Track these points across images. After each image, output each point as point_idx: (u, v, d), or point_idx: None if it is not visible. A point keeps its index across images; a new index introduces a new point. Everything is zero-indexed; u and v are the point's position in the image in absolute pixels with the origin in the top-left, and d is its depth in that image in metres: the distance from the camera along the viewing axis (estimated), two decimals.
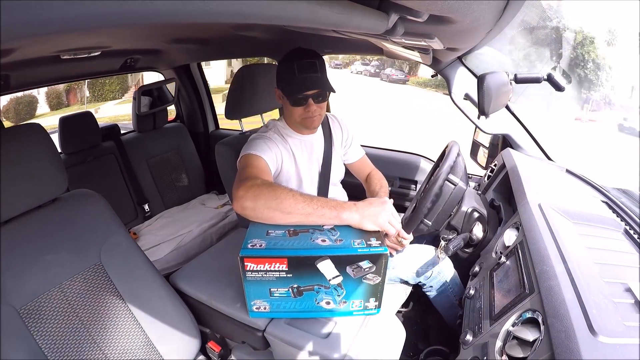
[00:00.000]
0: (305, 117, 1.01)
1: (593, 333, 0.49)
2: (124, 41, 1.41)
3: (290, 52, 1.00)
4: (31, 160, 0.77)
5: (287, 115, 1.08)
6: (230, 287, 0.94)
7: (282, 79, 1.01)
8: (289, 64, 0.98)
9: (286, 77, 0.99)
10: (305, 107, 0.99)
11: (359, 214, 0.81)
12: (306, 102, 0.99)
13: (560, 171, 1.17)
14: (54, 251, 0.81)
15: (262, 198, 0.79)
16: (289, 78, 0.98)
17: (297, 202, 0.79)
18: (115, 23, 0.26)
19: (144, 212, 2.05)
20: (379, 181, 1.22)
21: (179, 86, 2.24)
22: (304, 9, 0.40)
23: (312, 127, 1.05)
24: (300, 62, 0.97)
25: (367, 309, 0.84)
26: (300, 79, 0.96)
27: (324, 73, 1.00)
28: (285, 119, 1.11)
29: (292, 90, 0.97)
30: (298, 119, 1.02)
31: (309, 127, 1.05)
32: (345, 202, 0.83)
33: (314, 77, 0.97)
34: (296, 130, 1.10)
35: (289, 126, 1.10)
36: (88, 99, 12.27)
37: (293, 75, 0.97)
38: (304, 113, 1.00)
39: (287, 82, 0.99)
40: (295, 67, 0.96)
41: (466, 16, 0.58)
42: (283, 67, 1.00)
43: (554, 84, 1.15)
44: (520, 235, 0.82)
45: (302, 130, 1.10)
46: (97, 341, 0.81)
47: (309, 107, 0.99)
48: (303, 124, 1.03)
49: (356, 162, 1.27)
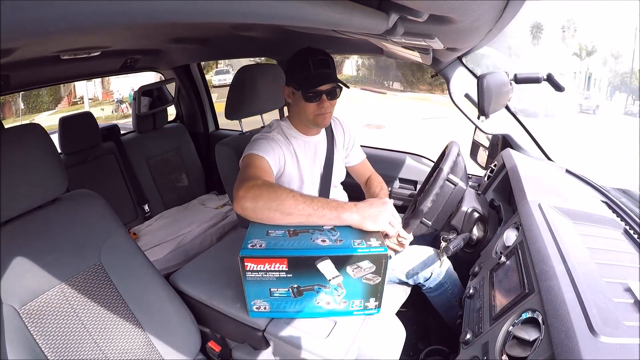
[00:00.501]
0: (318, 113, 1.02)
1: (593, 333, 0.49)
2: (124, 41, 1.41)
3: (301, 50, 1.02)
4: (31, 160, 0.77)
5: (296, 114, 1.08)
6: (230, 287, 0.94)
7: (296, 75, 1.01)
8: (303, 60, 0.99)
9: (301, 73, 1.00)
10: (319, 103, 1.00)
11: (360, 215, 0.81)
12: (320, 98, 1.00)
13: (560, 171, 1.17)
14: (54, 251, 0.81)
15: (263, 199, 0.79)
16: (304, 74, 0.99)
17: (298, 202, 0.79)
18: (115, 23, 0.26)
19: (144, 212, 2.05)
20: (379, 184, 1.22)
21: (179, 86, 2.24)
22: (304, 8, 0.40)
23: (323, 124, 1.06)
24: (314, 59, 0.98)
25: (367, 309, 0.84)
26: (316, 75, 0.98)
27: (334, 70, 1.02)
28: (293, 118, 1.10)
29: (307, 85, 0.98)
30: (311, 115, 1.03)
31: (320, 125, 1.06)
32: (346, 203, 0.83)
33: (328, 73, 0.99)
34: (301, 131, 1.10)
35: (294, 127, 1.10)
36: (22, 111, 12.24)
37: (308, 71, 0.98)
38: (317, 109, 1.01)
39: (302, 78, 0.99)
40: (311, 62, 0.98)
41: (466, 16, 0.58)
42: (296, 63, 1.01)
43: (553, 83, 1.15)
44: (520, 235, 0.82)
45: (309, 130, 1.10)
46: (97, 341, 0.81)
47: (322, 104, 1.00)
48: (315, 121, 1.04)
49: (357, 165, 1.27)
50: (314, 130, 1.12)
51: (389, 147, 1.92)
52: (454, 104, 1.33)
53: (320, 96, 0.99)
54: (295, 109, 1.07)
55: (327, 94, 1.00)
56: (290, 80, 1.03)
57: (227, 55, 2.39)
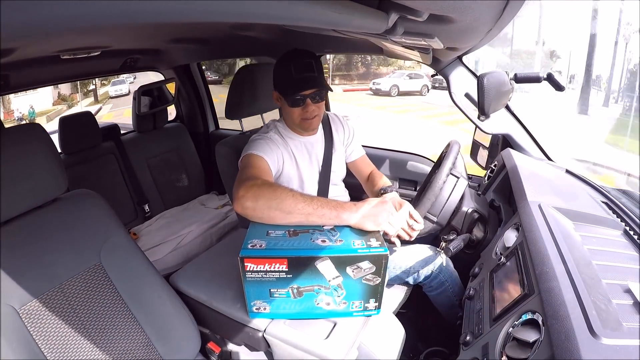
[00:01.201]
0: (303, 117, 1.01)
1: (593, 334, 0.49)
2: (124, 41, 1.41)
3: (286, 54, 1.01)
4: (31, 160, 0.77)
5: (286, 117, 1.08)
6: (230, 288, 0.94)
7: (279, 81, 1.02)
8: (285, 65, 0.98)
9: (283, 78, 0.99)
10: (303, 107, 1.00)
11: (359, 214, 0.81)
12: (304, 102, 0.99)
13: (560, 171, 1.16)
14: (53, 251, 0.81)
15: (263, 198, 0.79)
16: (286, 79, 0.98)
17: (297, 202, 0.79)
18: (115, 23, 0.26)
19: (144, 212, 2.05)
20: (380, 179, 1.22)
21: (179, 86, 2.24)
22: (304, 8, 0.40)
23: (310, 129, 1.06)
24: (296, 63, 0.97)
25: (367, 309, 0.84)
26: (298, 80, 0.97)
27: (320, 73, 1.01)
28: (285, 121, 1.11)
29: (289, 91, 0.98)
30: (297, 120, 1.03)
31: (307, 130, 1.06)
32: (346, 202, 0.83)
33: (311, 77, 0.98)
34: (296, 132, 1.10)
35: (288, 128, 1.10)
36: None
37: (290, 76, 0.97)
38: (302, 114, 1.01)
39: (284, 83, 0.99)
40: (292, 67, 0.97)
41: (466, 15, 0.58)
42: (279, 68, 1.01)
43: (554, 83, 1.15)
44: (521, 236, 0.82)
45: (302, 132, 1.10)
46: (97, 341, 0.81)
47: (307, 108, 1.00)
48: (302, 126, 1.04)
49: (357, 160, 1.27)
50: (308, 132, 1.12)
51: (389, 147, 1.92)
52: (454, 104, 1.32)
53: (305, 101, 0.99)
54: (284, 113, 1.07)
55: (311, 97, 0.99)
56: (276, 85, 1.04)
57: (227, 55, 2.39)
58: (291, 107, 1.00)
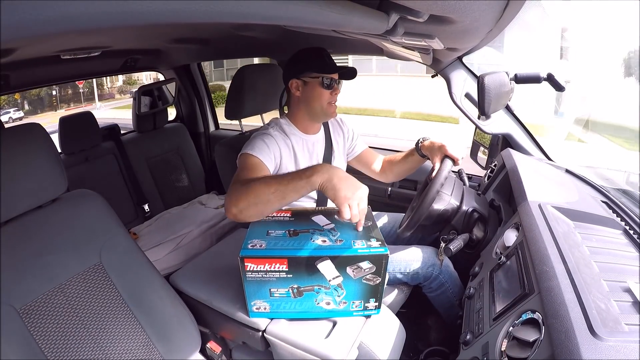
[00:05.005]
0: (330, 101, 1.07)
1: (593, 333, 0.49)
2: (124, 41, 1.41)
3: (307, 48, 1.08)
4: (31, 160, 0.77)
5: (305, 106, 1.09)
6: (230, 287, 0.94)
7: (312, 63, 1.06)
8: (316, 52, 1.06)
9: (317, 61, 1.05)
10: (332, 91, 1.06)
11: (329, 175, 0.76)
12: (337, 84, 1.07)
13: (560, 171, 1.16)
14: (54, 251, 0.81)
15: (241, 199, 0.78)
16: (321, 62, 1.05)
17: (270, 185, 0.77)
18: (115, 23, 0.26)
19: (144, 212, 2.04)
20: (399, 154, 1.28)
21: (179, 86, 2.24)
22: (304, 9, 0.40)
23: (334, 114, 1.11)
24: (326, 52, 1.07)
25: (367, 309, 0.84)
26: (332, 65, 1.06)
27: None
28: (295, 115, 1.11)
29: (327, 70, 1.04)
30: (325, 103, 1.06)
31: (330, 114, 1.10)
32: (318, 165, 0.79)
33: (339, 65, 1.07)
34: (301, 129, 1.11)
35: (293, 124, 1.11)
36: None
37: (324, 60, 1.05)
38: (330, 97, 1.06)
39: (320, 65, 1.05)
40: (324, 54, 1.06)
41: (466, 16, 0.58)
42: (310, 53, 1.07)
43: (554, 83, 1.15)
44: (520, 236, 0.82)
45: (310, 127, 1.12)
46: (97, 341, 0.81)
47: (335, 92, 1.06)
48: (327, 110, 1.08)
49: (364, 151, 1.31)
50: (314, 128, 1.13)
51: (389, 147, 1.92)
52: (455, 104, 1.33)
53: (336, 84, 1.06)
54: (304, 102, 1.08)
55: (337, 84, 1.07)
56: (304, 70, 1.06)
57: (227, 55, 2.39)
58: (326, 88, 1.05)
